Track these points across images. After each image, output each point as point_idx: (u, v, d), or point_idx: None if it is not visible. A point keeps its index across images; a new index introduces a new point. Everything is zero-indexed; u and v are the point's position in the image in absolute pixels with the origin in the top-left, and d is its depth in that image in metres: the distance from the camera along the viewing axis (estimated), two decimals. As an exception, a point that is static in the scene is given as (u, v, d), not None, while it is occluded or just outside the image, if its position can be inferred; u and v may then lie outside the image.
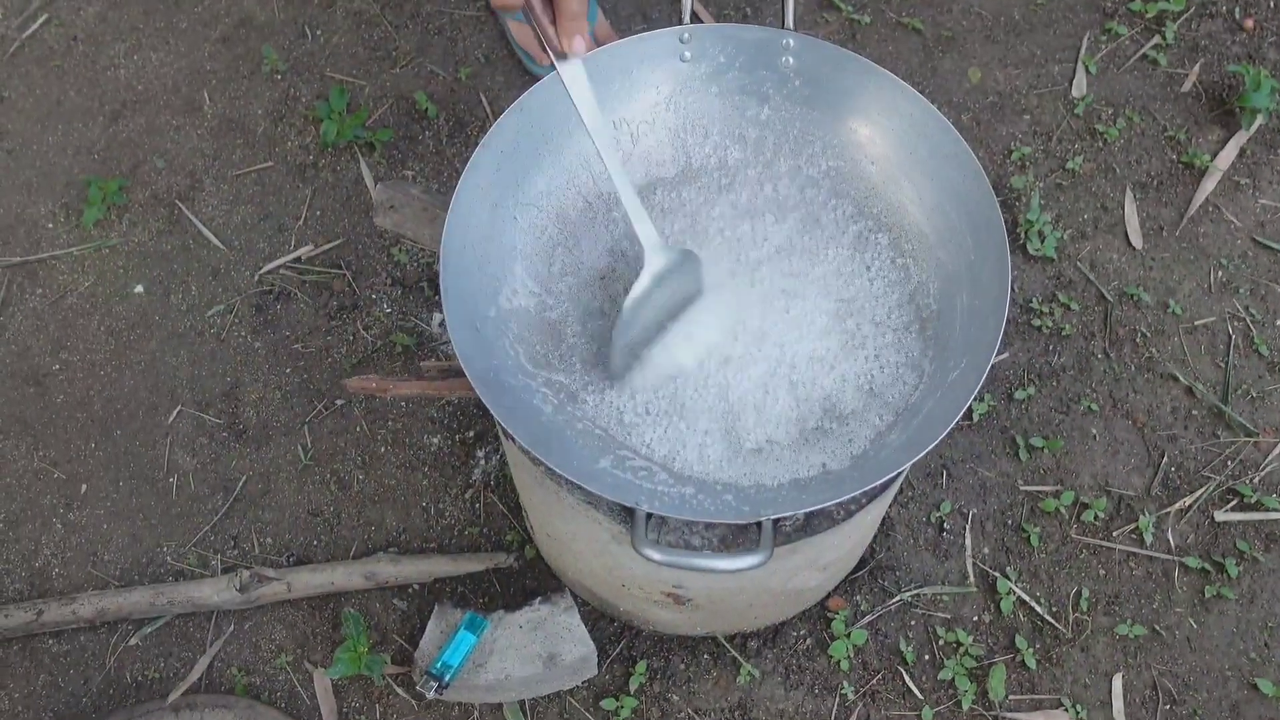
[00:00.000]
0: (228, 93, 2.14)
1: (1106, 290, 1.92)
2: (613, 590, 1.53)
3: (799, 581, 1.49)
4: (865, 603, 1.70)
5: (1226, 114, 2.07)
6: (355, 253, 1.98)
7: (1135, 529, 1.75)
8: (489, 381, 1.16)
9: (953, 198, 1.27)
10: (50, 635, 1.70)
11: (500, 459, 1.81)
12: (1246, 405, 1.83)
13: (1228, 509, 1.76)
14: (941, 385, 1.19)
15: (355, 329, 1.91)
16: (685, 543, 1.25)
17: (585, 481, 1.10)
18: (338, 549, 1.76)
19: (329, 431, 1.84)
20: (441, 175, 2.04)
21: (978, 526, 1.76)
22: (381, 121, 2.09)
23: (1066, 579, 1.72)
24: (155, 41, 2.20)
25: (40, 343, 1.93)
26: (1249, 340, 1.88)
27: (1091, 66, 2.12)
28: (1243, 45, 2.14)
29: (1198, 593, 1.71)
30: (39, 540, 1.78)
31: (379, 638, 1.69)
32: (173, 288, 1.97)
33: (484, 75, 2.13)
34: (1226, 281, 1.93)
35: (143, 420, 1.86)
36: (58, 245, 2.01)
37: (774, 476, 1.19)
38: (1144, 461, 1.80)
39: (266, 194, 2.05)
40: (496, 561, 1.72)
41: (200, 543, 1.77)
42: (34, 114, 2.14)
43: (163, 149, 2.09)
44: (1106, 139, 2.05)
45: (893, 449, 1.19)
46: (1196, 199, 1.99)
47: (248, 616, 1.71)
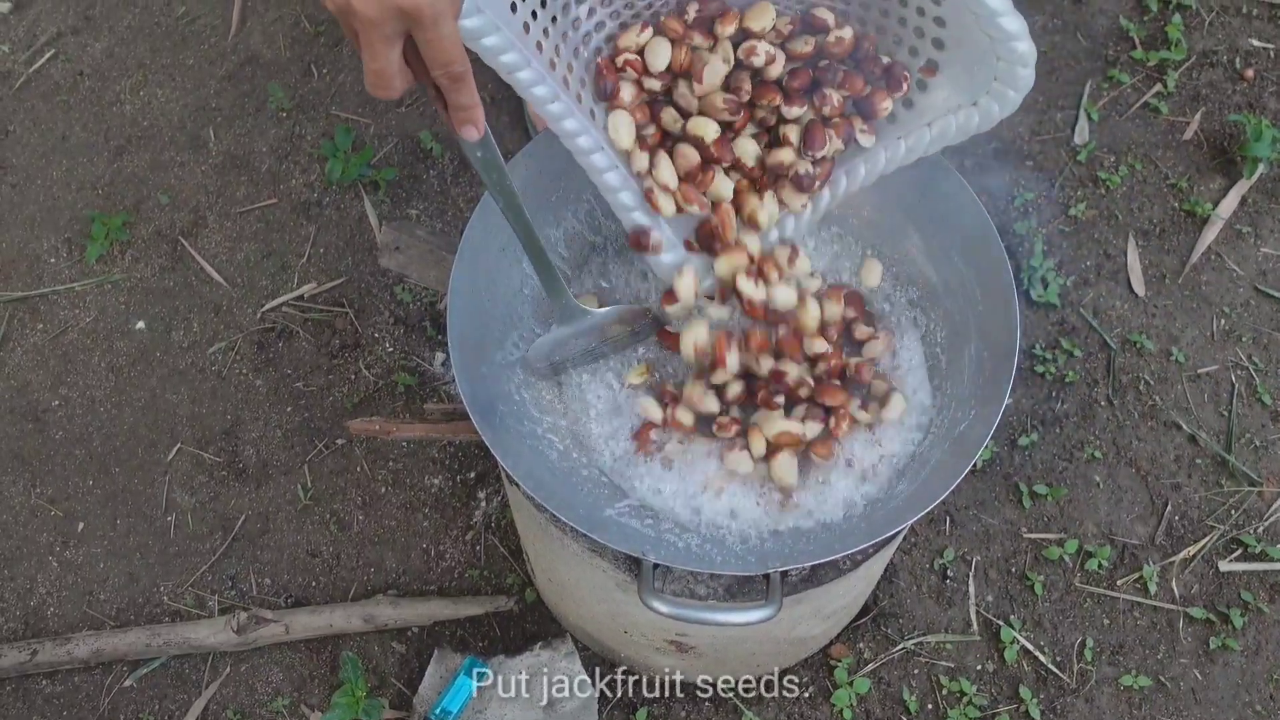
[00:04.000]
0: (233, 130, 2.15)
1: (1109, 337, 1.92)
2: (615, 636, 1.52)
3: (803, 630, 1.48)
4: (868, 650, 1.69)
5: (1228, 163, 2.08)
6: (358, 291, 1.98)
7: (1139, 578, 1.74)
8: (494, 427, 1.16)
9: (960, 246, 1.27)
10: (44, 676, 1.68)
11: (502, 500, 1.80)
12: (1250, 454, 1.83)
13: (1232, 559, 1.75)
14: (950, 436, 1.19)
15: (357, 368, 1.91)
16: (690, 591, 1.23)
17: (591, 530, 1.10)
18: (336, 590, 1.75)
19: (329, 471, 1.83)
20: (445, 215, 2.04)
21: (981, 574, 1.75)
22: (386, 160, 2.10)
23: (1071, 628, 1.71)
24: (161, 78, 2.21)
25: (40, 378, 1.92)
26: (1252, 389, 1.88)
27: (1093, 114, 2.13)
28: (1243, 95, 2.16)
29: (1202, 643, 1.70)
30: (35, 578, 1.77)
31: (377, 681, 1.67)
32: (174, 324, 1.96)
33: (489, 116, 2.11)
34: (1229, 330, 1.93)
35: (141, 458, 1.85)
36: (60, 280, 2.01)
37: (782, 526, 1.19)
38: (1148, 510, 1.79)
39: (270, 231, 2.04)
40: (497, 605, 1.71)
41: (198, 583, 1.76)
42: (39, 149, 2.14)
43: (167, 185, 2.09)
44: (1109, 186, 2.06)
45: (901, 499, 1.18)
46: (1199, 247, 2.00)
47: (244, 658, 1.69)
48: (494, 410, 1.19)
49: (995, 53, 1.02)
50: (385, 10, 0.79)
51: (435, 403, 1.83)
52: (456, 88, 0.89)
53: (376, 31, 0.80)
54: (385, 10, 0.79)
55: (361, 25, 0.80)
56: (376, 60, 0.83)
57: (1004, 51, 1.01)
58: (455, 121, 0.93)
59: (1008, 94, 1.05)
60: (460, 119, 0.92)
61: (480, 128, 0.94)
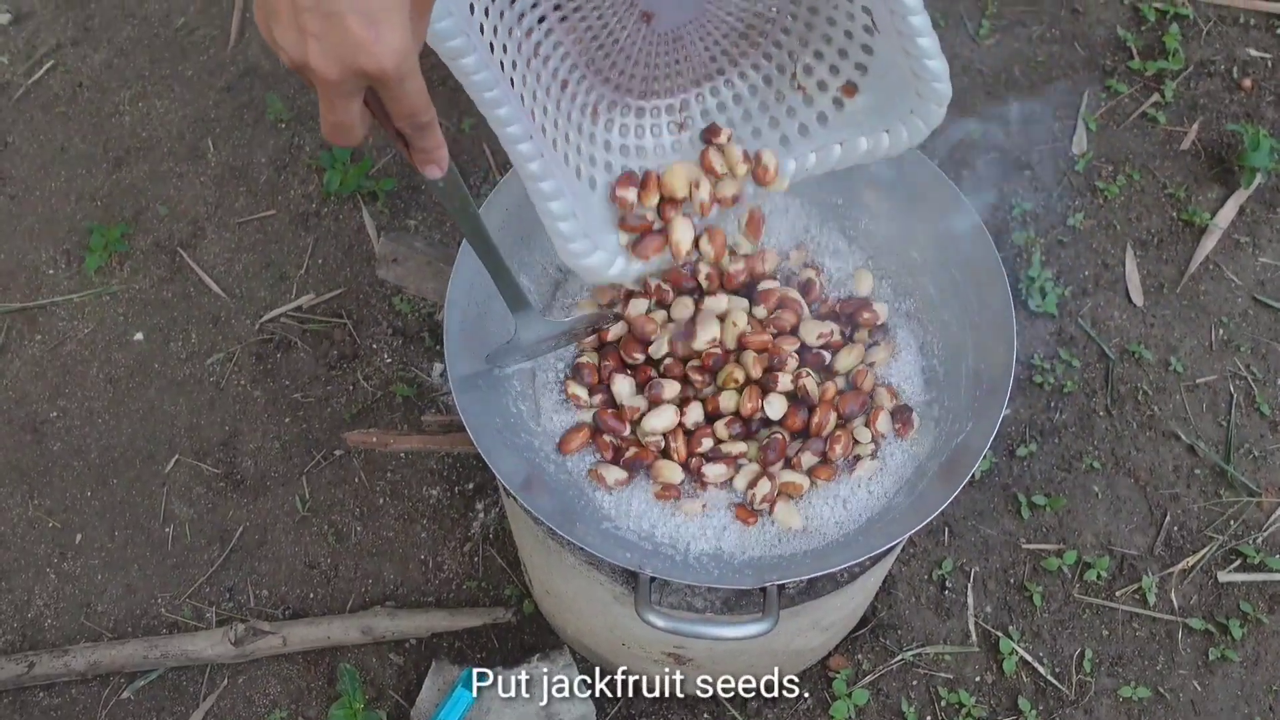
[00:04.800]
0: (231, 141, 2.15)
1: (1108, 347, 1.92)
2: (613, 648, 1.51)
3: (801, 642, 1.47)
4: (867, 662, 1.69)
5: (1225, 172, 2.08)
6: (356, 302, 1.98)
7: (1138, 589, 1.74)
8: (491, 440, 1.15)
9: (956, 257, 1.27)
10: (41, 688, 1.68)
11: (500, 512, 1.79)
12: (1249, 464, 1.83)
13: (1231, 569, 1.75)
14: (947, 449, 1.19)
15: (355, 379, 1.91)
16: (687, 604, 1.23)
17: (587, 543, 1.10)
18: (334, 602, 1.75)
19: (327, 482, 1.83)
20: (443, 226, 2.04)
21: (980, 585, 1.74)
22: (384, 171, 2.10)
23: (1069, 639, 1.71)
24: (160, 89, 2.21)
25: (38, 389, 1.92)
26: (1250, 399, 1.88)
27: (1091, 124, 2.13)
28: (1241, 104, 2.16)
29: (1201, 654, 1.70)
30: (32, 590, 1.77)
31: (375, 693, 1.67)
32: (173, 335, 1.96)
33: (486, 127, 2.11)
34: (1227, 340, 1.93)
35: (140, 469, 1.85)
36: (58, 291, 2.01)
37: (778, 539, 1.19)
38: (1146, 520, 1.79)
39: (268, 242, 2.05)
40: (495, 617, 1.70)
41: (195, 594, 1.75)
42: (38, 159, 2.14)
43: (165, 196, 2.09)
44: (1107, 196, 2.06)
45: (899, 512, 1.18)
46: (1197, 257, 2.00)
47: (242, 670, 1.69)
48: (491, 423, 1.19)
49: (916, 88, 1.08)
50: (347, 72, 0.75)
51: (433, 414, 1.83)
52: (421, 134, 0.86)
53: (336, 90, 0.76)
54: (347, 72, 0.75)
55: (320, 84, 0.76)
56: (335, 114, 0.79)
57: (925, 89, 1.07)
58: (419, 162, 0.91)
59: (919, 125, 1.11)
60: (423, 160, 0.91)
61: (444, 166, 0.91)
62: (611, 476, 1.19)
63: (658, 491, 1.19)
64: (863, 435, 1.21)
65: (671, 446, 1.21)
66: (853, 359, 1.26)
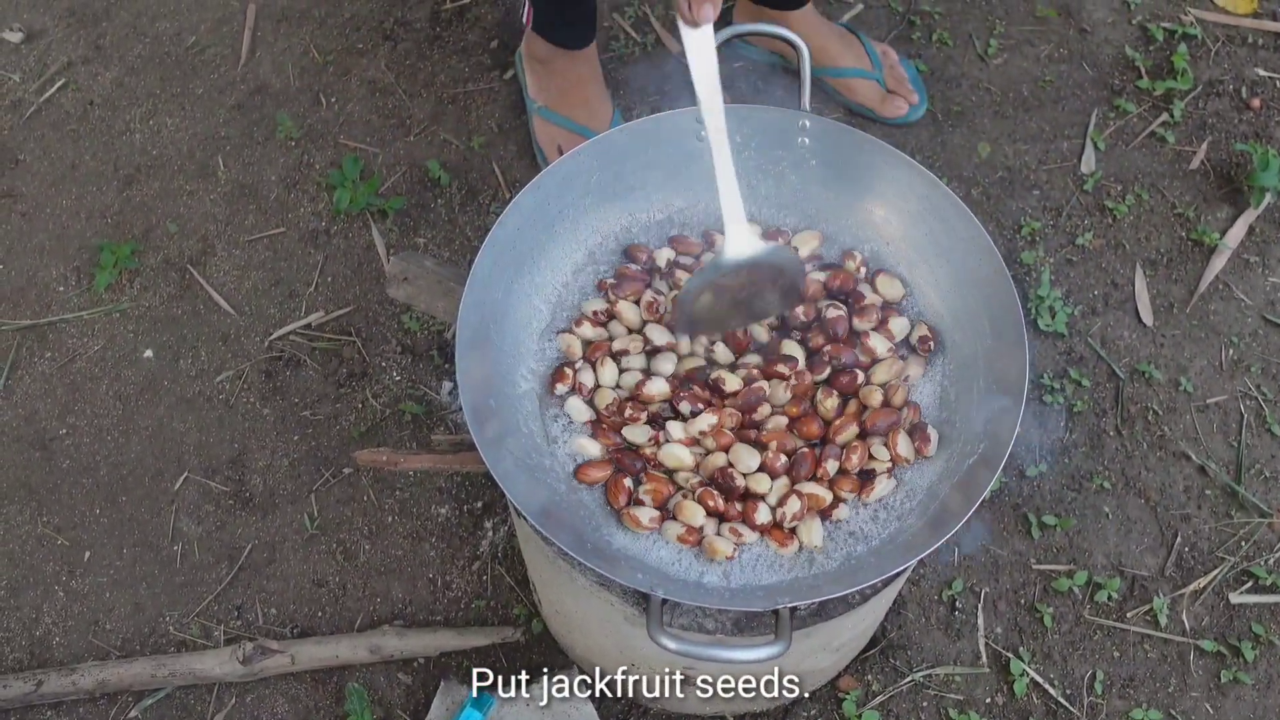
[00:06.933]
0: (241, 158, 2.16)
1: (1117, 367, 1.91)
2: (621, 668, 1.51)
3: (811, 663, 1.47)
4: (876, 683, 1.68)
5: (1235, 192, 2.08)
6: (366, 319, 1.98)
7: (1150, 610, 1.73)
8: (501, 460, 1.15)
9: (969, 281, 1.27)
10: (49, 707, 1.68)
11: (509, 530, 1.79)
12: (1260, 485, 1.82)
13: (1242, 591, 1.74)
14: (958, 471, 1.18)
15: (364, 397, 1.91)
16: (698, 625, 1.23)
17: (598, 564, 1.09)
18: (343, 620, 1.74)
19: (336, 500, 1.83)
20: (453, 244, 2.04)
21: (990, 605, 1.74)
22: (394, 189, 2.11)
23: (1080, 661, 1.70)
24: (171, 107, 2.22)
25: (48, 406, 1.92)
26: (1261, 420, 1.87)
27: (1100, 143, 2.13)
28: (1250, 124, 2.16)
29: (1213, 677, 1.69)
30: (40, 608, 1.76)
31: (383, 713, 1.66)
32: (182, 353, 1.96)
33: (496, 145, 2.15)
34: (1238, 360, 1.93)
35: (148, 486, 1.85)
36: (68, 309, 2.01)
37: (793, 561, 1.18)
38: (1157, 541, 1.79)
39: (278, 260, 2.05)
40: (503, 636, 1.70)
41: (204, 612, 1.75)
42: (49, 177, 2.15)
43: (175, 214, 2.10)
44: (1116, 215, 2.06)
45: (911, 534, 1.17)
46: (1206, 277, 2.00)
47: (250, 689, 1.69)
48: (501, 443, 1.19)
49: None
50: None
51: (442, 433, 1.83)
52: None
53: None
54: None
55: None
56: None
57: None
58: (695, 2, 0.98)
59: None
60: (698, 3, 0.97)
61: (718, 8, 0.98)
62: (645, 516, 1.19)
63: (680, 535, 1.18)
64: (880, 453, 1.21)
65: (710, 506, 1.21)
66: (892, 372, 1.26)
